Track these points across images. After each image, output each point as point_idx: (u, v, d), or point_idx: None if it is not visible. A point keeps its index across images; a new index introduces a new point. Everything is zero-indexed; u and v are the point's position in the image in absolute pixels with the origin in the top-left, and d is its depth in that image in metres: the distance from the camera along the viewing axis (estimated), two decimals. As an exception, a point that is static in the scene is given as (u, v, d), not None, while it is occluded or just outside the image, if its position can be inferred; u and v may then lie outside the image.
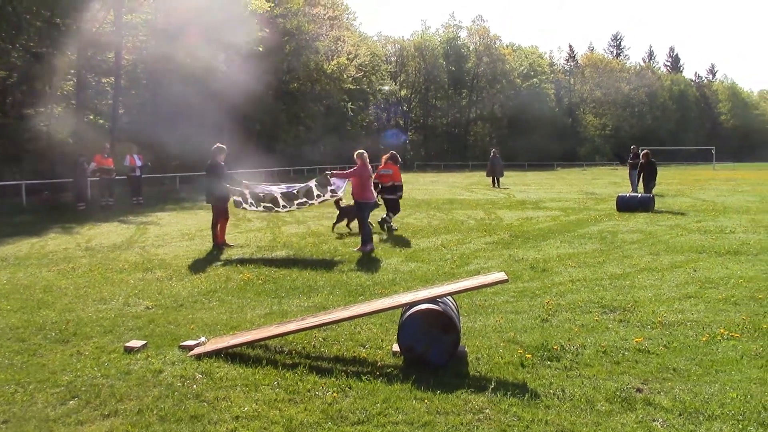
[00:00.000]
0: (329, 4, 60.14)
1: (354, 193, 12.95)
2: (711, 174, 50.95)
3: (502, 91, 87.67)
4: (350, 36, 63.58)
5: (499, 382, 5.42)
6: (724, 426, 4.60)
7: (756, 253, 11.74)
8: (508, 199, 25.17)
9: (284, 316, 7.64)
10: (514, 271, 10.28)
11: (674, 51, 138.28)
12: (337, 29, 60.01)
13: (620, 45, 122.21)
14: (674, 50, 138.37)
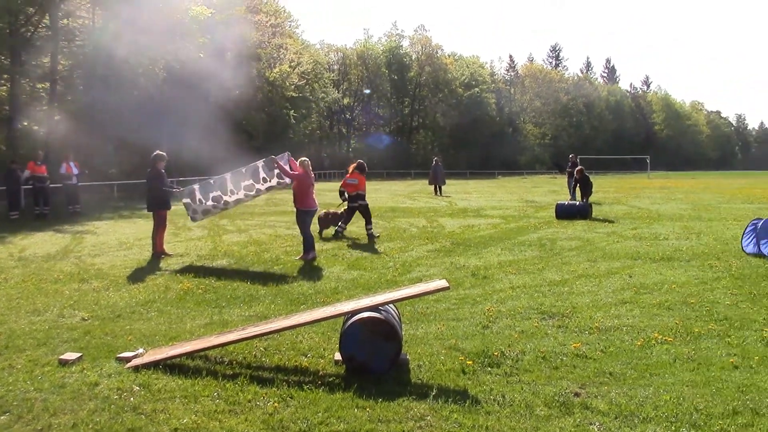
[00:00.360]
0: (271, 11, 59.90)
1: (295, 200, 12.88)
2: (646, 182, 52.32)
3: (444, 99, 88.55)
4: (293, 44, 63.31)
5: (441, 389, 5.45)
6: (658, 428, 4.71)
7: (688, 259, 12.10)
8: (449, 207, 25.38)
9: (225, 326, 7.54)
10: (456, 279, 10.36)
11: (610, 62, 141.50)
12: (279, 37, 59.70)
13: (559, 56, 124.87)
14: (610, 61, 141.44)
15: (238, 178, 13.21)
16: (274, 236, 15.94)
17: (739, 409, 4.98)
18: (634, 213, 21.80)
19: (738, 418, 4.84)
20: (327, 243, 14.72)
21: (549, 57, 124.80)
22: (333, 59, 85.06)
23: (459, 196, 32.92)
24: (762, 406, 5.02)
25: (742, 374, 5.79)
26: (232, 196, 13.17)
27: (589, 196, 22.07)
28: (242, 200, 13.49)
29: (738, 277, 10.20)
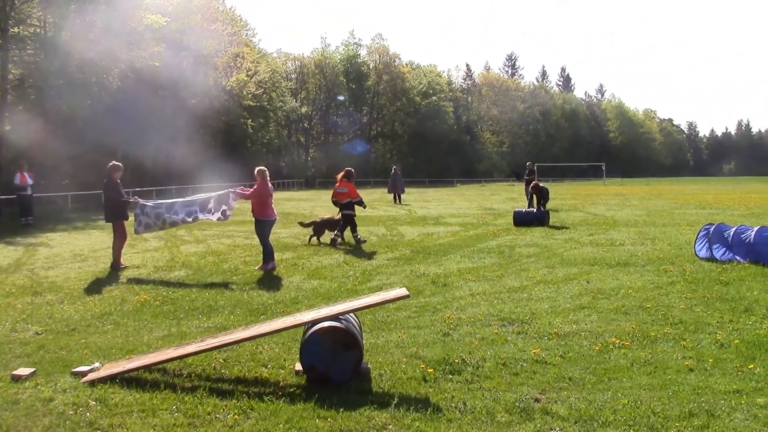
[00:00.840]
0: (228, 20, 59.54)
1: (254, 210, 12.79)
2: (602, 189, 53.16)
3: (402, 108, 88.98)
4: (249, 52, 63.02)
5: (402, 398, 5.44)
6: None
7: (643, 264, 12.30)
8: (409, 216, 25.45)
9: (183, 338, 7.43)
10: (416, 287, 10.38)
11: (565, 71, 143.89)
12: (236, 45, 59.36)
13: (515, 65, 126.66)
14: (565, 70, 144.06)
15: (187, 204, 13.22)
16: (232, 246, 15.80)
17: (694, 411, 5.06)
18: (590, 219, 22.11)
19: (694, 420, 4.92)
20: (287, 252, 14.63)
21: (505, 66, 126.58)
22: (291, 68, 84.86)
23: (418, 205, 33.03)
24: (717, 408, 5.11)
25: (697, 377, 5.90)
26: (171, 216, 13.01)
27: (545, 203, 22.30)
28: (177, 224, 13.37)
29: (692, 282, 10.41)
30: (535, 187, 22.46)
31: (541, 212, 20.50)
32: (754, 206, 28.21)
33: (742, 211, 25.03)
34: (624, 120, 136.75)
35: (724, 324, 7.73)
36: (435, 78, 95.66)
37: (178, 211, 13.01)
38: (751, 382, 5.70)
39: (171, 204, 13.27)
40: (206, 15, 52.70)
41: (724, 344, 6.86)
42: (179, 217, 13.03)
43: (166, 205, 13.20)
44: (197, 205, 13.07)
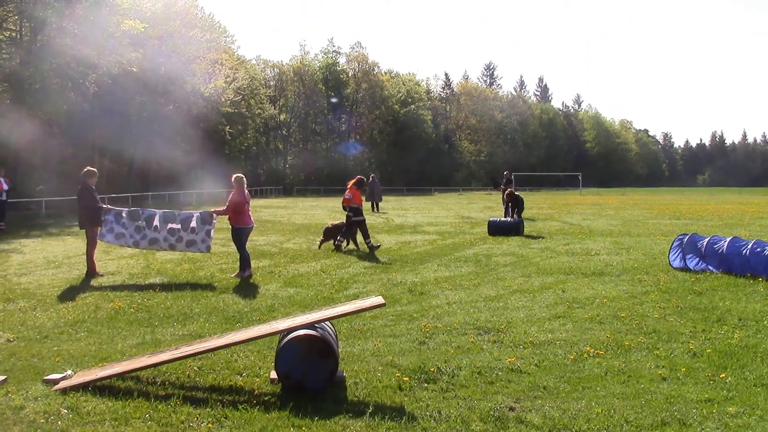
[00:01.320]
0: (206, 26, 59.32)
1: (230, 218, 12.72)
2: (578, 199, 53.57)
3: (381, 116, 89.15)
4: (228, 59, 62.86)
5: (377, 406, 5.43)
6: (590, 440, 4.80)
7: (618, 273, 12.40)
8: (386, 224, 25.47)
9: (157, 346, 7.37)
10: (393, 295, 10.39)
11: (543, 81, 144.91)
12: (214, 52, 59.15)
13: (493, 74, 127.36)
14: (543, 80, 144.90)
15: (168, 217, 12.98)
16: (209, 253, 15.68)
17: (667, 420, 5.10)
18: (566, 229, 22.26)
19: (666, 428, 4.96)
20: (263, 260, 14.58)
21: (484, 75, 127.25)
22: (269, 75, 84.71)
23: (396, 213, 33.08)
24: (689, 417, 5.16)
25: (670, 386, 5.95)
26: (152, 232, 12.77)
27: (521, 212, 22.38)
28: (158, 243, 12.90)
29: (666, 291, 10.51)
30: (509, 195, 22.48)
31: (516, 221, 20.51)
32: (727, 217, 28.57)
33: (715, 222, 25.34)
34: (600, 130, 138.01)
35: (696, 333, 7.81)
36: (414, 86, 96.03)
37: (159, 228, 12.83)
38: (723, 391, 5.76)
39: (151, 216, 13.02)
40: (185, 21, 52.50)
41: (697, 353, 6.93)
42: (161, 235, 12.81)
43: (146, 217, 12.93)
44: (179, 222, 12.90)
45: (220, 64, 59.94)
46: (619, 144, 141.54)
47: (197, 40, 54.19)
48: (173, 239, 12.79)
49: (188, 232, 12.76)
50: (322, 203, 45.02)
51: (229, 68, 61.61)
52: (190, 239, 12.78)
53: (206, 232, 12.82)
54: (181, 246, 12.88)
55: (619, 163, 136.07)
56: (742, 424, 5.02)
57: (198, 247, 12.85)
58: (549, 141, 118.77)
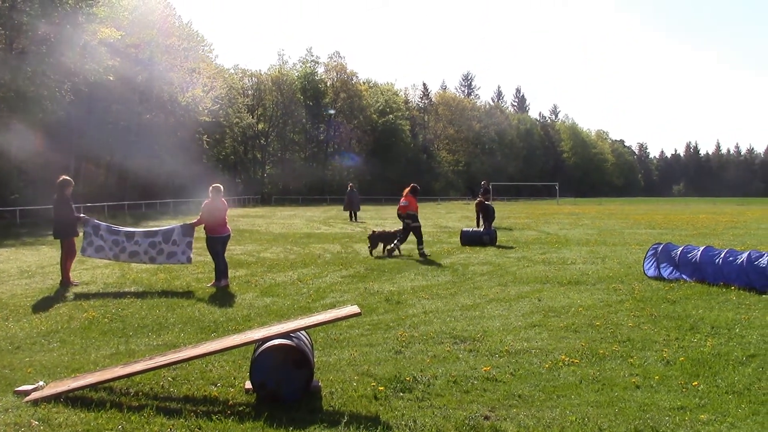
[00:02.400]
0: (184, 35, 59.11)
1: (206, 227, 12.65)
2: (555, 208, 53.88)
3: (359, 126, 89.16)
4: (206, 68, 62.63)
5: (353, 416, 5.42)
6: (564, 448, 4.83)
7: (594, 282, 12.50)
8: (364, 233, 25.41)
9: (131, 356, 7.31)
10: (369, 304, 10.38)
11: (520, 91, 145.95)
12: (192, 61, 58.93)
13: (471, 85, 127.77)
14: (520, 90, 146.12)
15: (148, 234, 12.93)
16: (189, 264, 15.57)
17: (640, 428, 5.14)
18: (543, 238, 22.38)
19: (639, 436, 5.00)
20: (240, 269, 14.52)
21: (461, 85, 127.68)
22: (247, 84, 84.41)
23: (374, 222, 33.05)
24: (661, 424, 5.20)
25: (644, 393, 6.00)
26: (132, 245, 12.69)
27: (491, 222, 22.16)
28: (139, 256, 12.80)
29: (640, 300, 10.60)
30: (479, 205, 22.22)
31: (488, 231, 20.31)
32: (701, 226, 28.90)
33: (689, 231, 25.61)
34: (577, 141, 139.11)
35: (670, 341, 7.89)
36: (392, 96, 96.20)
37: (139, 241, 12.75)
38: (695, 399, 5.82)
39: (130, 233, 12.96)
40: (162, 30, 52.28)
41: (670, 361, 6.99)
42: (141, 248, 12.72)
43: (126, 233, 12.90)
44: (160, 236, 12.82)
45: (198, 73, 59.71)
46: (596, 154, 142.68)
47: (175, 48, 54.00)
48: (154, 252, 12.72)
49: (169, 244, 12.71)
50: (300, 213, 44.92)
51: (206, 77, 61.37)
52: (171, 251, 12.74)
53: (187, 243, 12.79)
54: (162, 258, 12.81)
55: (595, 173, 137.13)
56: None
57: (178, 258, 12.80)
58: (526, 151, 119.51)
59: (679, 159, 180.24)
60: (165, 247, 12.71)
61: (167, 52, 51.86)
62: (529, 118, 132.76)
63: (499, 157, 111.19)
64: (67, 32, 33.19)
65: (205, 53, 66.92)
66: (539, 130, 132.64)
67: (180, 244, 12.74)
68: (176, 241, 12.74)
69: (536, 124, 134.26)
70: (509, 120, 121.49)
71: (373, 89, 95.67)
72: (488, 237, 19.75)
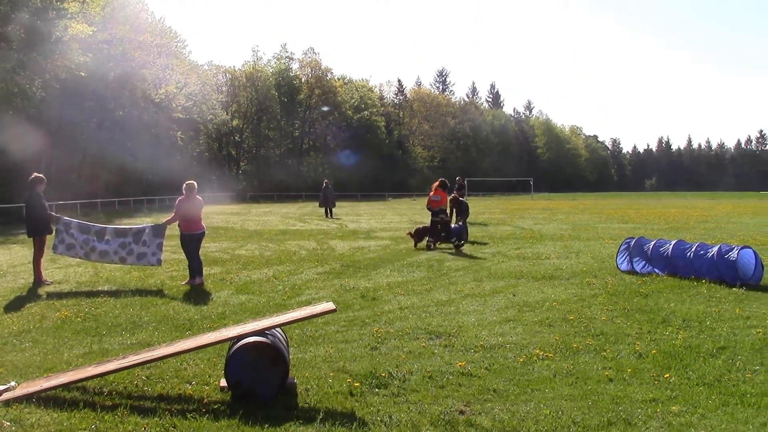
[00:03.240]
0: (157, 31, 58.53)
1: (180, 225, 12.56)
2: (530, 203, 54.23)
3: (334, 122, 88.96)
4: (179, 64, 62.06)
5: (328, 412, 5.43)
6: (538, 442, 4.87)
7: (568, 277, 12.61)
8: (340, 229, 25.45)
9: (105, 355, 7.24)
10: (345, 301, 10.39)
11: (495, 87, 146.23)
12: (165, 57, 58.36)
13: (446, 81, 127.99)
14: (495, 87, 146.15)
15: (119, 232, 12.81)
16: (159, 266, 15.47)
17: (613, 420, 5.20)
18: (518, 233, 22.53)
19: (612, 428, 5.06)
20: (215, 267, 14.45)
21: (436, 81, 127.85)
22: (221, 80, 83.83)
23: (349, 218, 33.07)
24: (634, 416, 5.27)
25: (616, 386, 6.06)
26: (102, 245, 12.55)
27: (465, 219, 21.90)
28: (109, 256, 12.65)
29: (613, 294, 10.72)
30: (453, 200, 22.01)
31: (460, 227, 19.77)
32: (673, 220, 29.25)
33: (661, 226, 25.92)
34: (551, 136, 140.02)
35: (642, 335, 7.98)
36: (367, 93, 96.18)
37: (110, 240, 12.63)
38: (667, 391, 5.90)
39: (101, 230, 12.84)
40: (135, 26, 51.75)
41: (643, 354, 7.08)
42: (111, 248, 12.60)
43: (97, 231, 12.76)
44: (131, 236, 12.72)
45: (171, 69, 59.17)
46: (570, 150, 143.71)
47: (148, 44, 53.43)
48: (124, 252, 12.61)
49: (139, 245, 12.61)
50: (275, 209, 44.77)
51: (180, 73, 60.85)
52: (141, 252, 12.63)
53: (157, 245, 12.70)
54: (132, 259, 12.70)
55: (569, 168, 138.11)
56: (684, 423, 5.14)
57: (149, 260, 12.70)
58: (501, 147, 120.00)
59: (652, 154, 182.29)
60: (135, 247, 12.62)
61: (140, 48, 51.30)
62: (504, 114, 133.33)
63: (474, 152, 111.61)
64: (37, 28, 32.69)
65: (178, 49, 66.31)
66: (514, 125, 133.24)
67: (150, 245, 12.66)
68: (146, 242, 12.65)
69: (511, 120, 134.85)
70: (484, 116, 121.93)
71: (348, 85, 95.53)
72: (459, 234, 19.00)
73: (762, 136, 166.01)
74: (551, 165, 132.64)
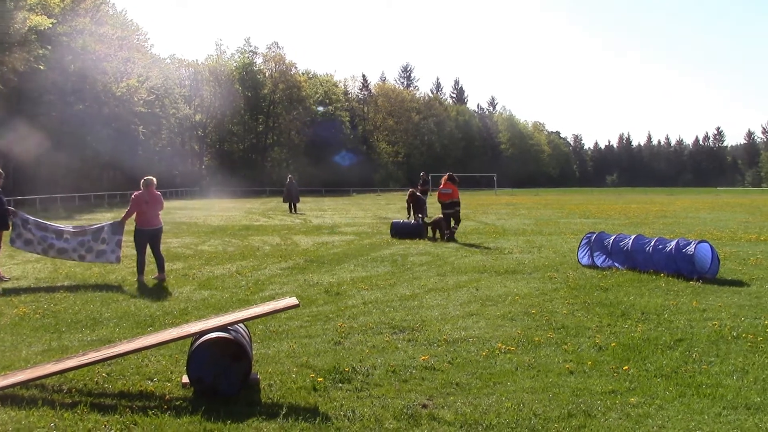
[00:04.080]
0: (118, 23, 57.77)
1: (135, 220, 12.34)
2: (493, 199, 54.63)
3: (299, 117, 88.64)
4: (141, 57, 61.32)
5: (291, 408, 5.42)
6: (499, 434, 4.92)
7: (530, 271, 12.74)
8: (304, 225, 25.38)
9: (64, 352, 7.13)
10: (309, 296, 10.37)
11: (459, 83, 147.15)
12: (126, 50, 57.58)
13: (410, 76, 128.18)
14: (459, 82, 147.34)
15: (78, 232, 12.59)
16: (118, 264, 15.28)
17: (573, 412, 5.27)
18: (481, 228, 22.69)
19: (572, 420, 5.13)
20: (177, 262, 14.31)
21: (401, 77, 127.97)
22: (184, 74, 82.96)
23: (314, 214, 32.99)
24: (594, 408, 5.35)
25: (577, 379, 6.15)
26: (60, 242, 12.32)
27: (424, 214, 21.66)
28: (67, 253, 12.44)
29: (574, 288, 10.86)
30: (411, 195, 21.89)
31: (418, 223, 19.87)
32: (633, 215, 29.72)
33: (622, 221, 26.32)
34: (514, 132, 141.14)
35: (602, 328, 8.11)
36: (331, 87, 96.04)
37: (69, 239, 12.42)
38: (626, 383, 6.00)
39: (60, 230, 12.61)
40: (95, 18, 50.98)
41: (602, 347, 7.19)
42: (70, 246, 12.38)
43: (55, 230, 12.56)
44: (90, 235, 12.51)
45: (133, 62, 58.41)
46: (533, 145, 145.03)
47: (108, 37, 52.66)
48: (83, 250, 12.40)
49: (98, 242, 12.41)
50: (239, 205, 44.47)
51: (141, 67, 60.11)
52: (100, 249, 12.45)
53: (116, 242, 12.51)
54: (91, 257, 12.50)
55: (532, 164, 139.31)
56: (642, 414, 5.24)
57: (107, 257, 12.51)
58: (465, 142, 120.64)
59: (613, 150, 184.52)
60: (94, 245, 12.42)
61: (101, 41, 50.55)
62: (468, 110, 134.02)
63: (439, 148, 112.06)
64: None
65: (140, 42, 65.53)
66: (477, 121, 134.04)
67: (109, 243, 12.47)
68: (105, 239, 12.46)
69: (475, 116, 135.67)
70: (448, 111, 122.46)
71: (312, 80, 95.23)
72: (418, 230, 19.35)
73: (719, 133, 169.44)
74: (514, 160, 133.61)
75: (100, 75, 50.04)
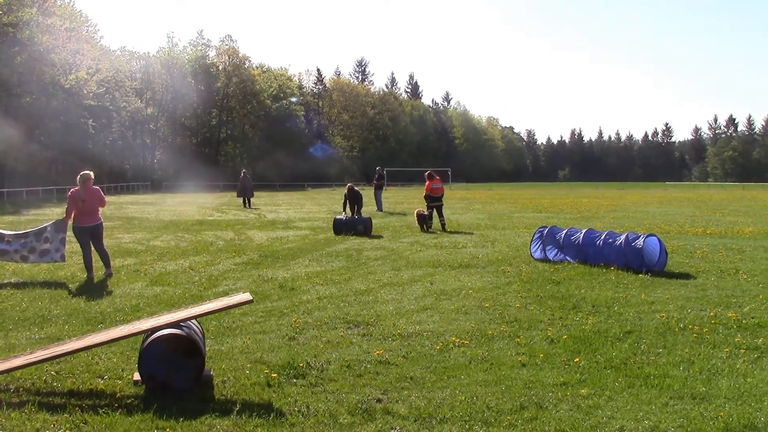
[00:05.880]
0: (66, 14, 56.40)
1: (73, 216, 12.05)
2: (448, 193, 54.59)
3: (253, 111, 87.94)
4: (90, 49, 60.06)
5: (245, 404, 5.38)
6: (453, 428, 4.94)
7: (484, 266, 12.86)
8: (258, 219, 25.21)
9: (11, 351, 6.97)
10: (263, 291, 10.31)
11: (414, 78, 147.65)
12: (75, 42, 56.30)
13: (365, 71, 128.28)
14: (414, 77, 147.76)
15: (19, 236, 12.23)
16: (69, 252, 14.94)
17: (525, 404, 5.34)
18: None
19: (524, 412, 5.19)
20: (129, 258, 14.09)
21: (356, 71, 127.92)
22: (135, 67, 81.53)
23: (268, 208, 32.79)
24: (545, 400, 5.43)
25: (529, 371, 6.23)
26: (2, 245, 11.93)
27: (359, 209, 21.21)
28: (9, 255, 12.02)
29: (527, 281, 11.00)
30: (349, 190, 21.58)
31: (362, 219, 19.50)
32: (584, 210, 30.21)
33: (573, 215, 26.73)
34: (469, 127, 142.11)
35: (554, 321, 8.23)
36: (286, 81, 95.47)
37: (11, 241, 12.06)
38: (576, 375, 6.10)
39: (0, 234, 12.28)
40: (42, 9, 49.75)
41: (554, 340, 7.29)
42: (12, 248, 12.01)
43: None
44: (32, 236, 12.17)
45: (82, 54, 57.15)
46: (487, 140, 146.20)
47: (56, 28, 51.42)
48: (25, 251, 12.02)
49: (42, 242, 12.07)
50: (192, 199, 43.91)
51: (91, 59, 58.88)
52: (43, 249, 12.09)
53: (60, 240, 12.20)
54: (35, 257, 12.11)
55: (486, 158, 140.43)
56: (592, 405, 5.33)
57: (52, 256, 12.18)
58: (420, 137, 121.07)
59: (565, 145, 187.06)
60: (37, 245, 12.07)
61: (48, 32, 49.35)
62: (423, 105, 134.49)
63: (393, 142, 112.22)
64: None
65: (89, 34, 64.17)
66: (432, 116, 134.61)
67: (53, 241, 12.15)
68: (49, 238, 12.12)
69: (429, 111, 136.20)
70: (403, 106, 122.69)
71: (267, 74, 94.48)
72: (362, 226, 18.99)
73: (668, 129, 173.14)
74: (469, 155, 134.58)
75: (47, 67, 48.91)
